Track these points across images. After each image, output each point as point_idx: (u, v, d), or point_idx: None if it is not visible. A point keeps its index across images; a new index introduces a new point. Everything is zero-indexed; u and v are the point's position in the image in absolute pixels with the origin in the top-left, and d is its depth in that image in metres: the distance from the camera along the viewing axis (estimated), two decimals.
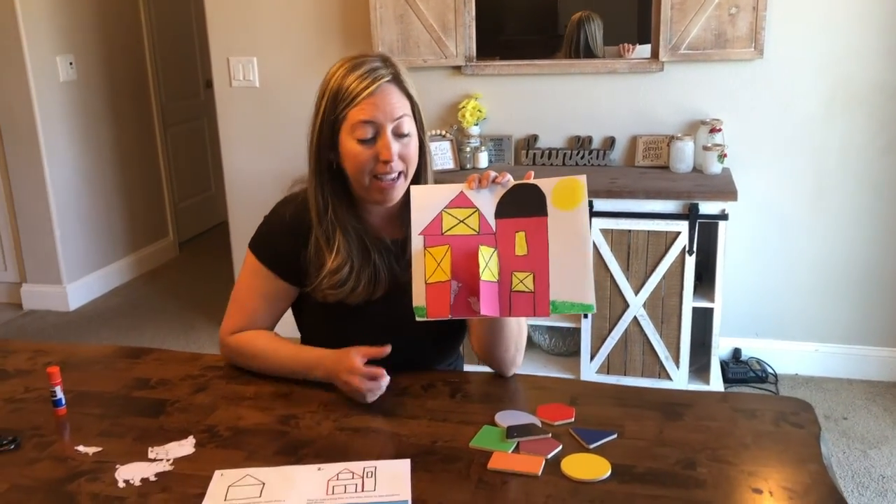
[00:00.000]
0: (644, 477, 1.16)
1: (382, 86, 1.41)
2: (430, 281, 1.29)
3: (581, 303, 1.27)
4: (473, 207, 1.32)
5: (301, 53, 3.37)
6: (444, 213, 1.32)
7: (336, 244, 1.47)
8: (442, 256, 1.30)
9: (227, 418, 1.37)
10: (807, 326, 3.17)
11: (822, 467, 1.17)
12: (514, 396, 1.44)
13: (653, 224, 2.75)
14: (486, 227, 1.31)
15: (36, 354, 1.66)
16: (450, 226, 1.31)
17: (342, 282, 1.47)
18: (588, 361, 2.94)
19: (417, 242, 1.31)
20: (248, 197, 3.59)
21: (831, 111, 2.96)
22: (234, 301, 1.60)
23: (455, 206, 1.32)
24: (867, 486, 2.47)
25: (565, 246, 1.28)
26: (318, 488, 1.14)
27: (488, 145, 3.19)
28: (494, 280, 1.29)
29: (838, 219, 3.04)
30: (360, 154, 1.42)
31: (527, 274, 1.29)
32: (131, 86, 4.61)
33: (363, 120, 1.40)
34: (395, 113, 1.41)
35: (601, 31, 3.21)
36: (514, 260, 1.30)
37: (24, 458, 1.26)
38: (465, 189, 1.32)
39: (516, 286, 1.29)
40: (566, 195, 1.29)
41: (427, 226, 1.31)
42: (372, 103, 1.40)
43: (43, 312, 4.14)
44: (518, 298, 1.29)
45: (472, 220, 1.31)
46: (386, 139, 1.41)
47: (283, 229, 1.53)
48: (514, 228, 1.30)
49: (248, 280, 1.57)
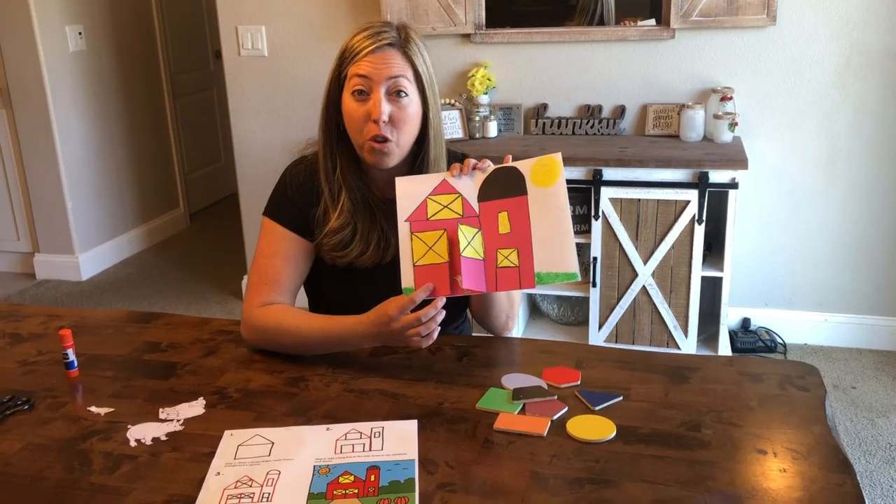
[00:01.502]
0: (649, 438, 1.17)
1: (384, 47, 1.43)
2: (420, 263, 1.34)
3: (565, 272, 1.31)
4: (456, 193, 1.37)
5: (310, 22, 3.36)
6: (428, 199, 1.37)
7: (340, 204, 1.49)
8: (435, 240, 1.34)
9: (237, 380, 1.38)
10: (816, 296, 3.17)
11: (826, 429, 1.18)
12: (520, 360, 1.45)
13: (662, 193, 2.74)
14: (469, 211, 1.36)
15: (48, 319, 1.68)
16: (434, 211, 1.36)
17: (345, 243, 1.49)
18: (596, 330, 2.94)
19: (404, 228, 1.36)
20: (257, 167, 3.60)
21: (844, 78, 2.93)
22: (254, 272, 1.54)
23: (438, 192, 1.37)
24: (874, 454, 2.48)
25: (546, 220, 1.33)
26: (326, 448, 1.16)
27: (497, 114, 3.17)
28: (479, 258, 1.34)
29: (850, 188, 3.03)
30: (353, 111, 1.44)
31: (511, 250, 1.34)
32: (140, 56, 4.61)
33: (357, 74, 1.43)
34: (390, 72, 1.42)
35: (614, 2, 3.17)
36: (498, 238, 1.34)
37: (38, 419, 1.28)
38: (447, 177, 1.38)
39: (501, 262, 1.34)
40: (544, 173, 1.34)
41: (413, 212, 1.36)
42: (368, 60, 1.42)
43: (56, 282, 4.18)
44: (504, 273, 1.33)
45: (456, 204, 1.37)
46: (377, 97, 1.42)
47: (294, 189, 1.54)
48: (497, 209, 1.35)
49: (267, 246, 1.54)
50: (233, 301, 3.84)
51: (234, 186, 3.89)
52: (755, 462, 1.11)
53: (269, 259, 1.53)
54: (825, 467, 1.09)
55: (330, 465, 1.12)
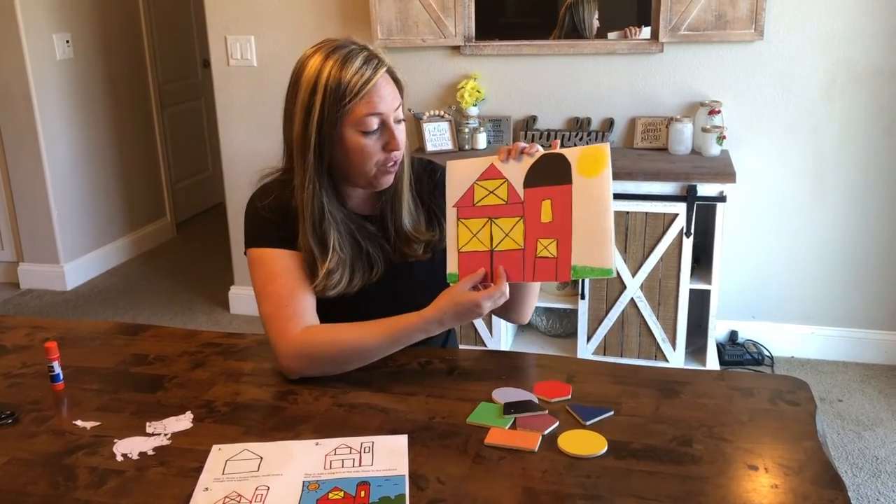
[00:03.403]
0: (640, 453, 1.16)
1: (383, 76, 1.41)
2: (464, 250, 1.38)
3: (601, 267, 1.31)
4: (503, 178, 1.38)
5: (299, 32, 3.35)
6: (475, 185, 1.39)
7: (331, 244, 1.44)
8: (479, 228, 1.38)
9: (225, 394, 1.37)
10: (803, 309, 3.18)
11: (817, 444, 1.18)
12: (511, 374, 1.44)
13: (651, 206, 2.75)
14: (514, 197, 1.37)
15: (34, 330, 1.66)
16: (481, 197, 1.38)
17: (337, 281, 1.45)
18: (585, 343, 2.94)
19: (451, 214, 1.40)
20: (245, 177, 3.54)
21: (831, 94, 2.95)
22: (267, 303, 1.44)
23: (486, 177, 1.39)
24: (861, 468, 2.48)
25: (588, 212, 1.32)
26: (315, 463, 1.15)
27: (487, 126, 3.18)
28: (517, 248, 1.36)
29: (837, 202, 3.04)
30: (368, 146, 1.41)
31: (551, 240, 1.34)
32: (128, 65, 4.59)
33: (370, 113, 1.40)
34: (395, 102, 1.43)
35: (593, 14, 3.17)
36: (539, 227, 1.35)
37: (22, 433, 1.27)
38: (495, 161, 1.38)
39: (540, 252, 1.35)
40: (590, 163, 1.33)
41: (460, 198, 1.39)
42: (377, 96, 1.40)
43: (40, 292, 4.14)
44: (541, 264, 1.35)
45: (502, 190, 1.38)
46: (393, 130, 1.42)
47: (269, 213, 1.49)
48: (541, 197, 1.36)
49: (266, 274, 1.46)
50: (219, 311, 3.82)
51: (221, 196, 3.87)
52: (746, 478, 1.11)
53: (274, 284, 1.45)
54: (817, 483, 1.09)
55: (319, 480, 1.11)
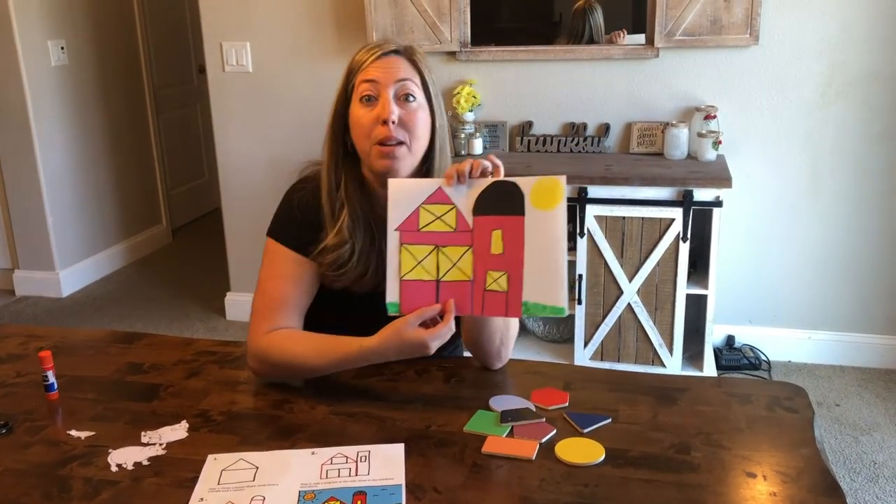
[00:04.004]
0: (638, 461, 1.16)
1: (389, 54, 1.43)
2: (407, 278, 1.30)
3: (553, 305, 1.27)
4: (451, 204, 1.30)
5: (295, 38, 3.35)
6: (421, 208, 1.30)
7: (340, 221, 1.45)
8: (425, 255, 1.29)
9: (221, 403, 1.36)
10: (800, 314, 3.18)
11: (815, 451, 1.18)
12: (508, 381, 1.44)
13: (647, 211, 2.75)
14: (462, 225, 1.30)
15: (28, 339, 1.65)
16: (426, 222, 1.30)
17: (341, 262, 1.44)
18: (582, 348, 2.94)
19: (393, 238, 1.30)
20: (241, 183, 3.58)
21: (826, 98, 2.95)
22: (259, 297, 1.47)
23: (433, 201, 1.30)
24: (859, 472, 2.48)
25: (541, 247, 1.27)
26: (311, 472, 1.14)
27: (483, 132, 3.18)
28: (465, 279, 1.29)
29: (832, 206, 3.05)
30: (362, 116, 1.41)
31: (501, 273, 1.28)
32: (124, 71, 4.58)
33: (365, 79, 1.41)
34: (397, 75, 1.41)
35: (603, 20, 3.19)
36: (489, 258, 1.29)
37: (16, 443, 1.26)
38: (443, 185, 1.30)
39: (490, 285, 1.29)
40: (545, 195, 1.27)
41: (403, 221, 1.30)
42: (375, 66, 1.42)
43: (35, 299, 4.13)
44: (491, 297, 1.29)
45: (450, 216, 1.30)
46: (385, 97, 1.40)
47: (302, 211, 1.49)
48: (492, 226, 1.29)
49: (271, 269, 1.48)
50: (216, 318, 3.81)
51: (217, 202, 3.86)
52: (745, 486, 1.10)
53: (273, 282, 1.47)
54: (815, 491, 1.09)
55: (315, 490, 1.10)
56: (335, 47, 3.31)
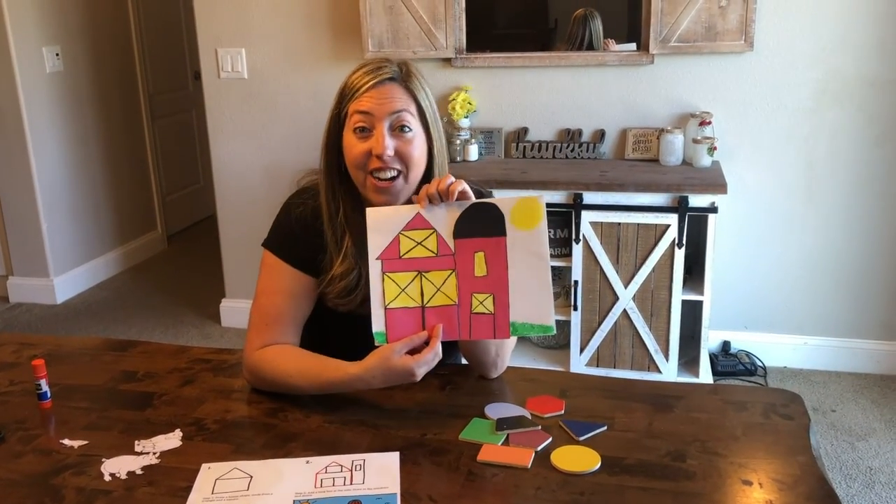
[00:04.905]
0: (634, 469, 1.15)
1: (384, 81, 1.39)
2: (392, 306, 1.29)
3: (541, 324, 1.28)
4: (431, 228, 1.30)
5: (290, 45, 3.35)
6: (401, 235, 1.30)
7: (344, 249, 1.43)
8: (408, 283, 1.29)
9: (215, 411, 1.36)
10: (795, 319, 3.18)
11: (811, 459, 1.17)
12: (503, 389, 1.44)
13: (642, 217, 2.75)
14: (444, 249, 1.30)
15: (21, 347, 1.65)
16: (407, 248, 1.30)
17: (350, 289, 1.43)
18: (578, 354, 2.93)
19: (375, 268, 1.30)
20: (236, 190, 3.57)
21: (821, 104, 2.96)
22: (255, 310, 1.46)
23: (412, 227, 1.30)
24: (855, 478, 2.48)
25: (525, 266, 1.28)
26: (306, 481, 1.13)
27: (478, 138, 3.18)
28: (450, 303, 1.29)
29: (828, 212, 3.05)
30: (354, 146, 1.39)
31: (486, 295, 1.29)
32: (119, 77, 4.58)
33: (359, 110, 1.39)
34: (393, 107, 1.39)
35: (601, 27, 3.19)
36: (473, 281, 1.29)
37: (8, 452, 1.25)
38: (421, 210, 1.30)
39: (476, 308, 1.29)
40: (525, 214, 1.28)
41: (384, 250, 1.30)
42: (370, 95, 1.38)
43: (30, 305, 4.11)
44: (478, 320, 1.29)
45: (430, 241, 1.30)
46: (380, 131, 1.38)
47: (301, 227, 1.47)
48: (473, 248, 1.29)
49: (268, 283, 1.46)
50: (210, 325, 3.80)
51: (212, 208, 3.86)
52: (741, 493, 1.10)
53: (270, 297, 1.45)
54: (811, 498, 1.08)
55: (310, 499, 1.09)
56: (331, 54, 3.31)
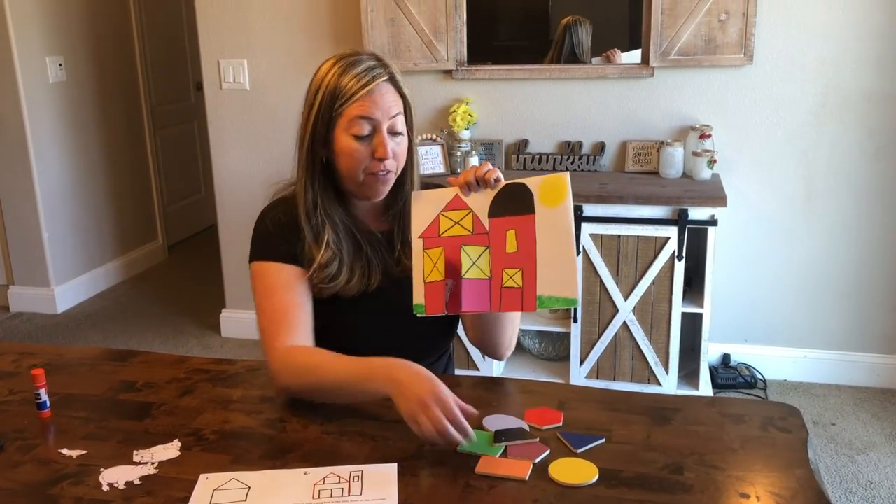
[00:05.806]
0: (631, 481, 1.15)
1: (380, 84, 1.44)
2: (428, 280, 1.37)
3: (565, 297, 1.32)
4: (468, 209, 1.39)
5: (292, 56, 3.37)
6: (441, 215, 1.39)
7: (325, 239, 1.47)
8: (437, 257, 1.38)
9: (214, 421, 1.36)
10: (796, 332, 3.18)
11: (809, 472, 1.17)
12: (502, 400, 1.44)
13: (642, 229, 2.75)
14: (479, 228, 1.38)
15: (21, 356, 1.65)
16: (446, 227, 1.39)
17: (333, 275, 1.47)
18: (577, 366, 2.93)
19: (417, 245, 1.39)
20: (237, 200, 3.58)
21: (821, 118, 2.97)
22: (263, 317, 1.46)
23: (451, 208, 1.39)
24: (855, 492, 2.47)
25: (551, 242, 1.33)
26: (304, 492, 1.13)
27: (479, 150, 3.19)
28: (483, 277, 1.36)
29: (828, 225, 3.06)
30: (356, 150, 1.44)
31: (516, 270, 1.35)
32: (121, 88, 4.60)
33: (361, 116, 1.42)
34: (391, 111, 1.44)
35: (589, 36, 3.20)
36: (504, 257, 1.35)
37: (6, 462, 1.25)
38: (459, 192, 1.39)
39: (506, 282, 1.35)
40: (551, 192, 1.34)
41: (426, 229, 1.39)
42: (370, 101, 1.42)
43: (30, 315, 4.12)
44: (507, 294, 1.35)
45: (467, 221, 1.38)
46: (382, 136, 1.44)
47: (276, 226, 1.51)
48: (506, 227, 1.36)
49: (265, 287, 1.48)
50: (210, 335, 3.80)
51: (213, 219, 3.87)
52: None
53: (270, 299, 1.47)
54: None
55: None
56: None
